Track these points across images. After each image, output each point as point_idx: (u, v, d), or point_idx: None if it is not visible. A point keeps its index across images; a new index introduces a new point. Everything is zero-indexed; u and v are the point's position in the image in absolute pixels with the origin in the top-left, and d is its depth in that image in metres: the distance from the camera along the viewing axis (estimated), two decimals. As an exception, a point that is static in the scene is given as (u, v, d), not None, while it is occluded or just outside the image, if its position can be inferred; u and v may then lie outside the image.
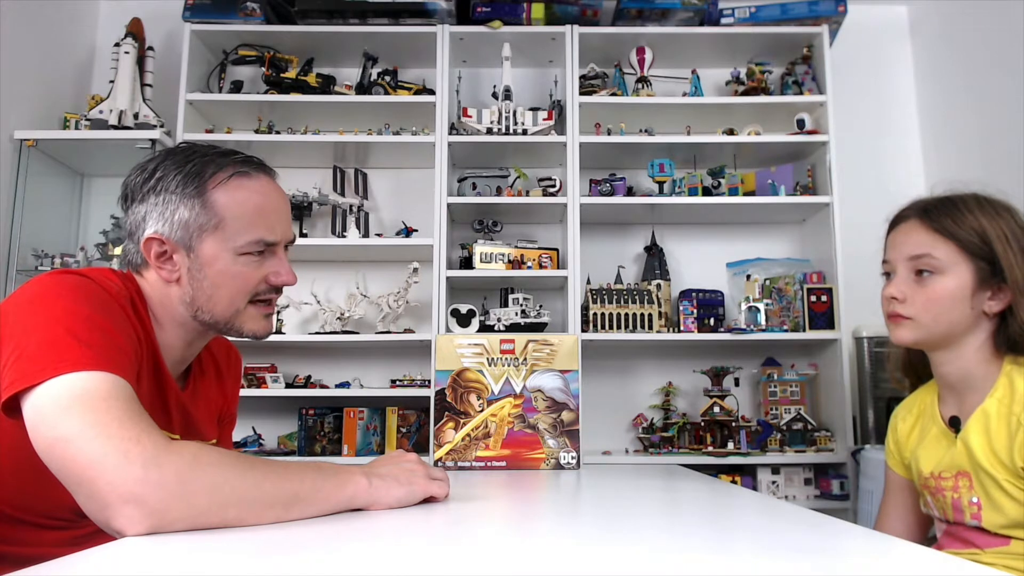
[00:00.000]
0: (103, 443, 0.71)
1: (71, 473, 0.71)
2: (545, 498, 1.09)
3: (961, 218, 1.07)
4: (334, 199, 2.70)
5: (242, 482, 0.73)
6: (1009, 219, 1.07)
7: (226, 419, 1.22)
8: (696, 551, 0.66)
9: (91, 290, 0.89)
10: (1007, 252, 1.04)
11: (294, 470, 0.79)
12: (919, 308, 1.10)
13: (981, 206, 1.08)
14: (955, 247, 1.07)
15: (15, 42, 2.56)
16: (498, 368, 1.48)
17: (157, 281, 1.00)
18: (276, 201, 1.03)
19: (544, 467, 1.44)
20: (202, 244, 0.97)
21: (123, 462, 0.69)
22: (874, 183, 2.92)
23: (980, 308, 1.07)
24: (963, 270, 1.06)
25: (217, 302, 0.99)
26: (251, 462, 0.77)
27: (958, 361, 1.11)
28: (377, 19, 2.69)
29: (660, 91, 2.77)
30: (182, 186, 0.97)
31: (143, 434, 0.72)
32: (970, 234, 1.06)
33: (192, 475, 0.71)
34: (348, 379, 2.71)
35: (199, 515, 0.71)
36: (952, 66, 2.83)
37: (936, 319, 1.09)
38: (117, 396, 0.76)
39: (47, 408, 0.74)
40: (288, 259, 1.05)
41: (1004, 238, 1.05)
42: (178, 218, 0.97)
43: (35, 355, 0.78)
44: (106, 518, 0.69)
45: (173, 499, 0.69)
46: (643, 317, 2.55)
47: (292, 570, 0.58)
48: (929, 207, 1.12)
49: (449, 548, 0.68)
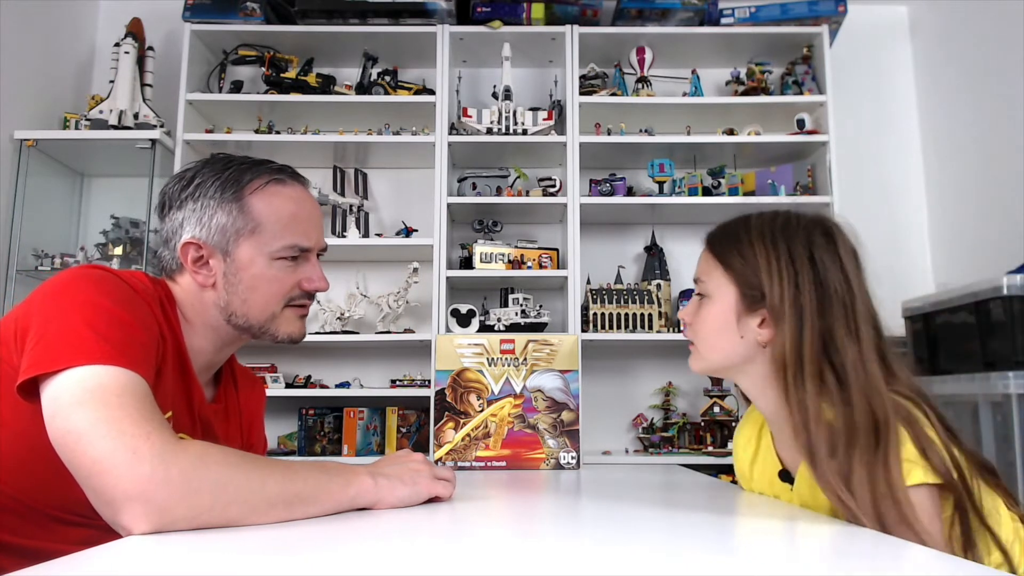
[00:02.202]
0: (113, 440, 0.71)
1: (81, 467, 0.72)
2: (545, 498, 1.09)
3: (735, 242, 1.00)
4: (334, 199, 2.70)
5: (246, 480, 0.74)
6: (786, 244, 0.96)
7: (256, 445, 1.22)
8: (696, 551, 0.66)
9: (114, 284, 0.89)
10: (771, 278, 0.94)
11: (298, 469, 0.79)
12: (695, 333, 1.04)
13: (761, 229, 0.99)
14: (723, 272, 1.00)
15: (15, 42, 2.56)
16: (498, 368, 1.48)
17: (191, 286, 1.00)
18: (310, 209, 1.05)
19: (544, 467, 1.45)
20: (238, 248, 0.99)
21: (132, 459, 0.70)
22: (874, 183, 2.93)
23: (752, 337, 0.97)
24: (727, 294, 0.99)
25: (252, 305, 1.00)
26: (255, 461, 0.77)
27: (752, 391, 1.03)
28: (377, 19, 2.69)
29: (660, 91, 2.77)
30: (220, 192, 0.99)
31: (153, 432, 0.73)
32: (738, 259, 0.99)
33: (197, 472, 0.71)
34: (348, 379, 2.71)
35: (202, 513, 0.71)
36: (952, 66, 2.83)
37: (710, 346, 1.02)
38: (131, 392, 0.77)
39: (61, 399, 0.75)
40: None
41: (771, 263, 0.95)
42: (215, 223, 0.98)
43: (53, 343, 0.79)
44: (113, 514, 0.70)
45: (178, 496, 0.69)
46: (643, 317, 2.55)
47: (295, 570, 0.58)
48: (715, 231, 1.06)
49: (449, 548, 0.68)
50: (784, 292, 0.93)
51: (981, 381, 1.95)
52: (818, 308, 0.92)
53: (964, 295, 2.06)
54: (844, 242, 0.98)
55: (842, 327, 0.91)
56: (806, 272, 0.94)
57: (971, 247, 2.68)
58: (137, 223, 2.61)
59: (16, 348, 0.84)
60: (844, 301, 0.93)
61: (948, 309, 2.15)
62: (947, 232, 2.85)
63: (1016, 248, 2.35)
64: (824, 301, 0.92)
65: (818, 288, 0.93)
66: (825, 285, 0.93)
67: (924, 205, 2.96)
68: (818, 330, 0.92)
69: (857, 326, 0.92)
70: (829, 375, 0.90)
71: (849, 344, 0.90)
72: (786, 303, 0.93)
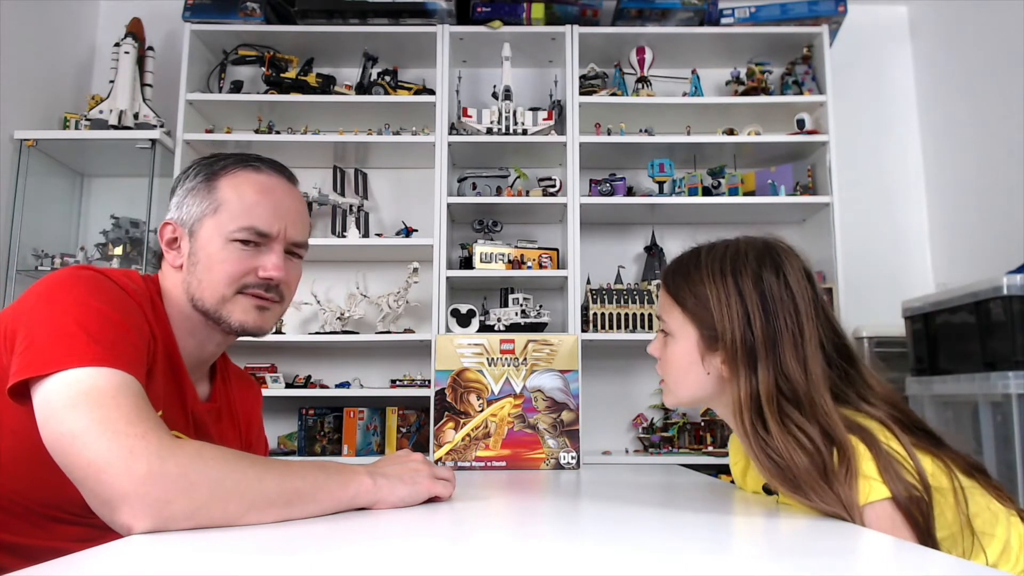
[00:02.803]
0: (109, 440, 0.71)
1: (77, 468, 0.72)
2: (545, 498, 1.09)
3: (688, 281, 1.01)
4: (334, 199, 2.70)
5: (243, 477, 0.73)
6: (735, 281, 0.96)
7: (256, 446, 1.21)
8: (696, 551, 0.66)
9: (104, 285, 0.89)
10: (722, 319, 0.95)
11: (297, 468, 0.79)
12: (664, 371, 1.05)
13: (711, 267, 0.99)
14: (681, 312, 1.01)
15: (15, 42, 2.56)
16: (498, 368, 1.48)
17: (169, 270, 1.02)
18: (280, 197, 1.02)
19: (544, 467, 1.45)
20: (201, 228, 0.99)
21: (128, 458, 0.70)
22: (874, 183, 2.93)
23: (717, 372, 0.98)
24: (689, 333, 1.00)
25: (206, 287, 0.98)
26: (253, 459, 0.77)
27: (728, 419, 1.03)
28: (377, 19, 2.69)
29: (660, 91, 2.77)
30: (199, 177, 1.01)
31: (149, 431, 0.73)
32: (692, 299, 0.99)
33: (194, 468, 0.71)
34: (348, 379, 2.71)
35: (200, 508, 0.70)
36: (952, 66, 2.83)
37: (679, 383, 1.03)
38: (125, 393, 0.77)
39: (55, 402, 0.75)
40: (301, 264, 1.06)
41: (722, 304, 0.95)
42: (187, 204, 1.00)
43: (44, 346, 0.79)
44: (111, 513, 0.70)
45: (175, 492, 0.69)
46: (643, 317, 2.55)
47: (295, 570, 0.58)
48: (670, 269, 1.06)
49: (449, 548, 0.68)
50: (735, 335, 0.94)
51: (981, 381, 1.95)
52: (770, 345, 0.93)
53: (964, 295, 2.06)
54: (794, 270, 0.98)
55: (793, 359, 0.92)
56: (757, 310, 0.94)
57: (971, 247, 2.68)
58: (137, 223, 2.61)
59: (5, 349, 0.84)
60: (794, 333, 0.93)
61: (948, 309, 2.15)
62: (947, 232, 2.85)
63: (1016, 248, 2.35)
64: (775, 336, 0.93)
65: (768, 325, 0.94)
66: (775, 319, 0.94)
67: (924, 205, 2.96)
68: (772, 370, 0.92)
69: (806, 356, 0.92)
70: (791, 410, 0.90)
71: (799, 377, 0.91)
72: (738, 347, 0.94)
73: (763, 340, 0.93)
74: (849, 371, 0.96)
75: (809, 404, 0.90)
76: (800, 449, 0.87)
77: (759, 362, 0.93)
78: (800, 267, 0.99)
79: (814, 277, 1.01)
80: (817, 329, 0.95)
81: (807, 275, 0.99)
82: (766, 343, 0.93)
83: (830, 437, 0.87)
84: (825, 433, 0.87)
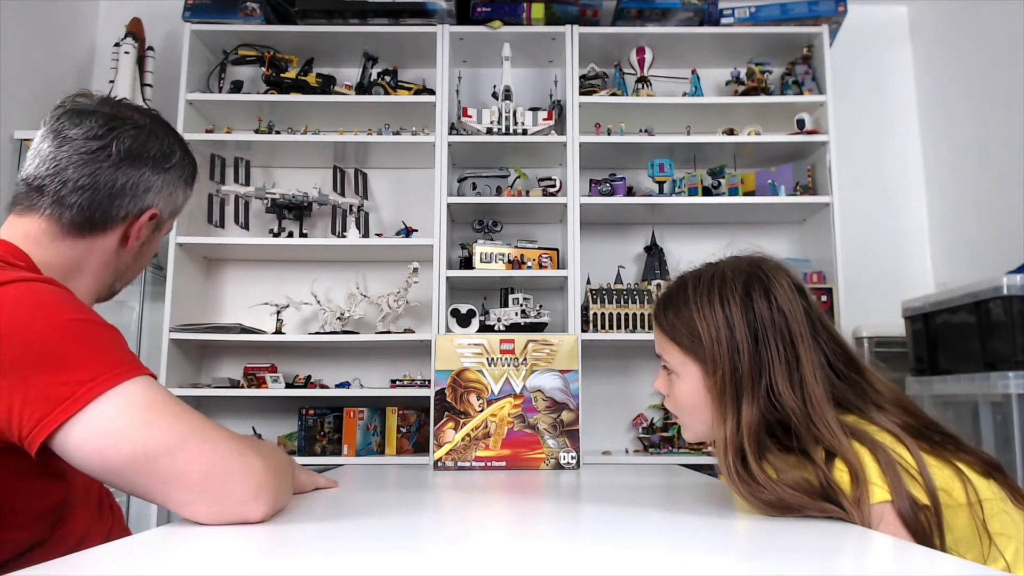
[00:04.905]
0: (213, 445, 0.72)
1: (187, 483, 0.70)
2: (545, 498, 1.09)
3: (680, 318, 0.99)
4: (334, 199, 2.70)
5: (277, 456, 0.83)
6: (724, 311, 0.94)
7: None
8: (696, 551, 0.66)
9: (70, 296, 0.83)
10: (713, 348, 0.93)
11: (257, 442, 0.87)
12: (676, 409, 1.04)
13: (699, 299, 0.97)
14: (679, 350, 0.99)
15: (15, 42, 2.56)
16: (498, 368, 1.48)
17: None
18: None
19: (544, 467, 1.45)
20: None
21: (241, 458, 0.73)
22: (874, 183, 2.93)
23: None
24: (692, 371, 0.98)
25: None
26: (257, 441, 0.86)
27: (719, 463, 1.00)
28: (377, 19, 2.69)
29: (660, 91, 2.77)
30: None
31: (219, 427, 0.76)
32: (687, 336, 0.98)
33: (267, 455, 0.78)
34: (348, 379, 2.71)
35: (287, 489, 0.84)
36: (952, 66, 2.83)
37: (693, 418, 1.01)
38: (172, 395, 0.76)
39: (116, 428, 0.70)
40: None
41: (714, 336, 0.94)
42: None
43: (63, 382, 0.71)
44: (241, 510, 0.72)
45: (276, 477, 0.77)
46: (643, 317, 2.55)
47: (295, 570, 0.58)
48: (660, 305, 1.04)
49: (449, 548, 0.68)
50: (725, 370, 0.92)
51: (981, 381, 1.95)
52: (756, 376, 0.91)
53: (964, 295, 2.06)
54: (783, 289, 0.96)
55: (786, 386, 0.90)
56: (745, 340, 0.92)
57: (971, 247, 2.68)
58: (137, 223, 2.60)
59: None
60: (787, 359, 0.92)
61: (948, 309, 2.15)
62: (947, 232, 2.85)
63: (1016, 248, 2.35)
64: (763, 366, 0.91)
65: (757, 354, 0.92)
66: (766, 346, 0.92)
67: (924, 205, 2.96)
68: (757, 403, 0.90)
69: (802, 379, 0.91)
70: (775, 443, 0.89)
71: (794, 403, 0.89)
72: (726, 383, 0.92)
73: (749, 371, 0.91)
74: (858, 380, 0.95)
75: (806, 427, 0.88)
76: (786, 483, 0.84)
77: (743, 397, 0.91)
78: (789, 284, 0.96)
79: (806, 290, 0.98)
80: (818, 345, 0.93)
81: (799, 290, 0.97)
82: (752, 374, 0.91)
83: (831, 455, 0.85)
84: (827, 452, 0.86)
